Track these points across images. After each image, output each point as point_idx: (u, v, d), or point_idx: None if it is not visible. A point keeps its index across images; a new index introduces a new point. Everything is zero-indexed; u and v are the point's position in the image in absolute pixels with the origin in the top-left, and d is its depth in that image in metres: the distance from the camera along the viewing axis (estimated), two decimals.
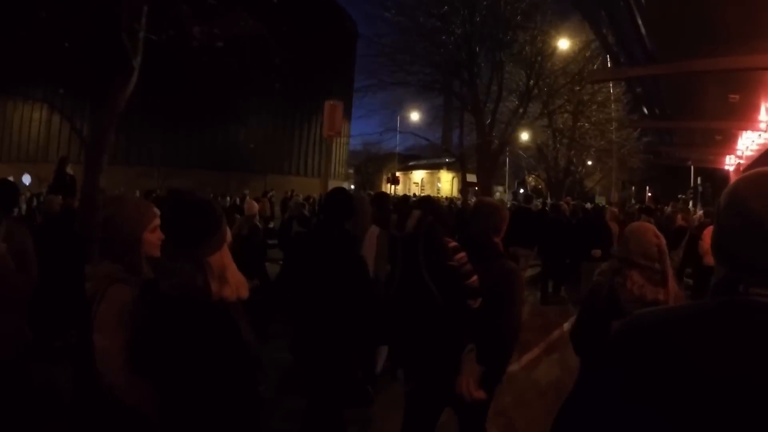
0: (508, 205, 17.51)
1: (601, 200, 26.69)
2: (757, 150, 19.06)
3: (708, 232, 8.37)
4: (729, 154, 22.56)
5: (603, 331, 2.69)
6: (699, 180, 30.15)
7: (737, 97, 13.04)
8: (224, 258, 1.99)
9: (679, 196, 27.14)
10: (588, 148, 22.09)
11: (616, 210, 11.75)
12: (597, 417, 1.05)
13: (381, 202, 5.48)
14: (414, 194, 31.64)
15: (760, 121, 15.91)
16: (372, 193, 11.94)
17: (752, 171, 1.09)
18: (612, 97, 20.24)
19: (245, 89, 31.07)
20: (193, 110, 32.79)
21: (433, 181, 58.06)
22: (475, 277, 2.89)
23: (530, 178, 37.00)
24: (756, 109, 14.86)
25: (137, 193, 14.25)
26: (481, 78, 12.29)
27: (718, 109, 15.51)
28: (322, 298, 3.17)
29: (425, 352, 2.94)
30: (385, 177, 40.69)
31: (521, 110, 12.40)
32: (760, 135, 17.35)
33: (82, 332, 2.21)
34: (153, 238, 2.25)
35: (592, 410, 1.06)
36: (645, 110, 18.53)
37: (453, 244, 2.99)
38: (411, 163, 58.78)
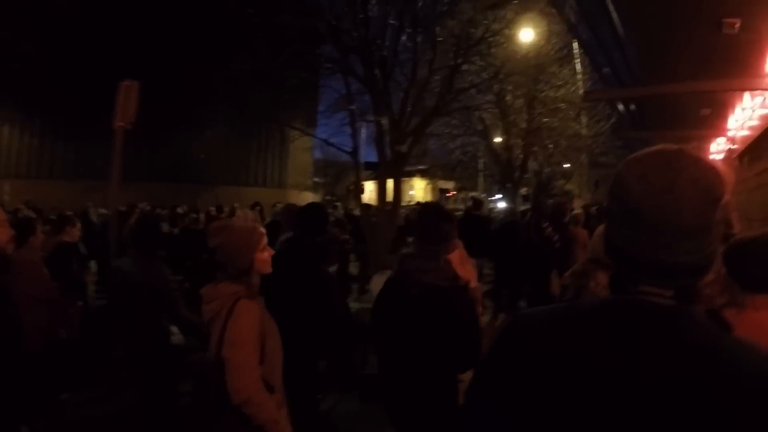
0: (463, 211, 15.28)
1: (580, 203, 24.76)
2: (759, 125, 12.45)
3: None
4: (717, 136, 17.68)
5: None
6: None
7: (737, 22, 8.41)
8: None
9: None
10: (550, 139, 18.79)
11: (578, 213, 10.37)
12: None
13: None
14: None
15: None
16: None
17: (644, 150, 0.92)
18: (574, 72, 17.70)
19: (196, 97, 29.03)
20: (140, 120, 30.56)
21: (406, 189, 56.70)
22: (556, 237, 6.76)
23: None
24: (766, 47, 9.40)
25: (91, 207, 12.29)
26: (386, 50, 10.09)
27: (707, 55, 10.20)
28: (287, 313, 3.28)
29: (533, 266, 6.74)
30: (346, 187, 38.58)
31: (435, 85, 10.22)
32: (766, 98, 11.27)
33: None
34: (264, 256, 2.58)
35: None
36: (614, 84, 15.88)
37: (546, 223, 6.97)
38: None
